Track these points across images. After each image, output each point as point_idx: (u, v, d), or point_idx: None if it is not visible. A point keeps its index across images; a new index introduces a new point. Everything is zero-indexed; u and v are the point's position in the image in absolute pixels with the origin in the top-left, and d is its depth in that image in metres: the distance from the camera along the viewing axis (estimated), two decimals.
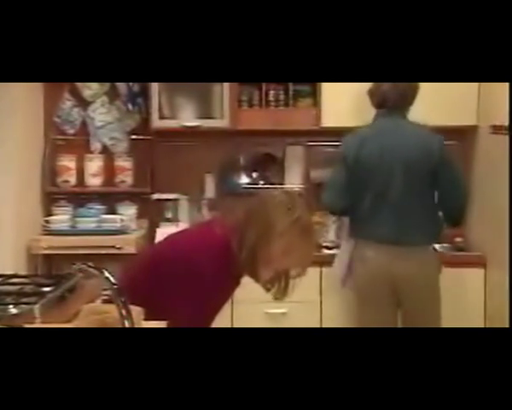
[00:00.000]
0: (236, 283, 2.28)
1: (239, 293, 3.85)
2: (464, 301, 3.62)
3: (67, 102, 4.31)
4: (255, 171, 4.32)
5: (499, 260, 3.62)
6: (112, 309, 1.82)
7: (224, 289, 2.21)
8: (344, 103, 3.97)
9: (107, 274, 1.78)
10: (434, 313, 3.31)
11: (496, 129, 3.61)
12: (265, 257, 2.09)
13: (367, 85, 3.67)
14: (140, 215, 4.31)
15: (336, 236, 4.03)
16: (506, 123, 3.28)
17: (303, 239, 2.09)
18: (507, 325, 3.21)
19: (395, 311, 3.32)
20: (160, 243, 2.49)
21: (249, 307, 3.87)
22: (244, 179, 4.32)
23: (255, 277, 2.17)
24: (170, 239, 2.34)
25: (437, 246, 3.50)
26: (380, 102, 3.36)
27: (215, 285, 2.09)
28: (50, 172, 4.28)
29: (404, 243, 3.23)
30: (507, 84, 3.08)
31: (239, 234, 2.09)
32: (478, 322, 3.75)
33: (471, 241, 3.94)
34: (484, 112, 3.89)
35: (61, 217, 4.15)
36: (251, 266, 2.12)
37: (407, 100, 3.34)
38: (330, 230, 4.12)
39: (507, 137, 3.32)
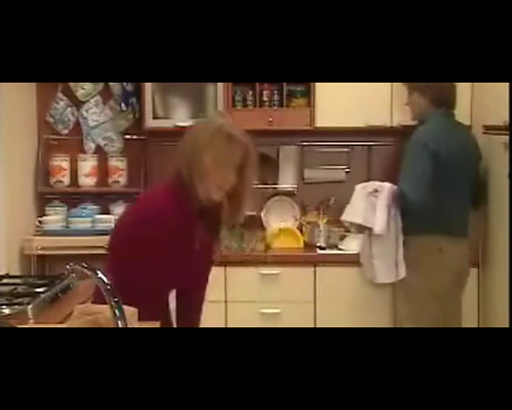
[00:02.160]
0: (196, 219, 2.26)
1: (233, 293, 3.89)
2: None
3: (61, 102, 4.29)
4: None
5: (493, 259, 3.63)
6: (105, 309, 1.81)
7: (183, 226, 2.22)
8: (338, 104, 3.97)
9: (100, 274, 1.78)
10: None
11: (488, 129, 3.61)
12: (200, 172, 2.17)
13: (361, 86, 3.68)
14: None
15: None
16: (499, 123, 3.28)
17: (229, 145, 2.19)
18: (500, 324, 3.22)
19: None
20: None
21: (243, 307, 3.88)
22: None
23: (204, 197, 2.20)
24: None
25: None
26: (448, 101, 3.45)
27: (174, 223, 2.18)
28: (44, 173, 4.27)
29: (466, 236, 3.49)
30: (500, 84, 3.08)
31: (176, 165, 2.22)
32: (471, 321, 3.76)
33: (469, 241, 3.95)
34: (477, 112, 3.90)
35: (55, 217, 4.15)
36: (193, 187, 2.18)
37: (456, 100, 3.51)
38: (325, 232, 4.11)
39: (500, 137, 3.32)
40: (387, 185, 3.44)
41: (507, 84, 2.94)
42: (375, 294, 3.80)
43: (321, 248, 4.06)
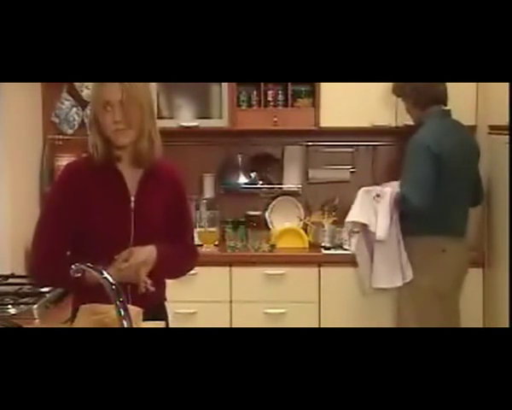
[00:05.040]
0: (113, 170, 2.29)
1: (238, 293, 3.89)
2: (462, 300, 3.61)
3: (66, 102, 4.30)
4: (254, 171, 4.32)
5: (497, 259, 3.62)
6: (110, 309, 1.82)
7: (101, 182, 2.27)
8: (343, 104, 3.97)
9: (105, 274, 1.79)
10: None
11: (494, 129, 3.61)
12: (91, 123, 2.27)
13: (366, 86, 3.68)
14: None
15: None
16: (504, 123, 3.28)
17: (98, 86, 2.23)
18: (506, 325, 3.22)
19: None
20: None
21: (248, 307, 3.88)
22: (242, 179, 4.32)
23: (116, 142, 2.24)
24: None
25: None
26: (434, 100, 3.45)
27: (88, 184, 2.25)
28: (49, 173, 4.27)
29: (466, 235, 3.54)
30: (505, 85, 3.08)
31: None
32: (476, 321, 3.75)
33: (469, 241, 3.94)
34: (482, 112, 3.89)
35: None
36: (99, 135, 2.24)
37: (447, 96, 3.52)
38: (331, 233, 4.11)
39: (504, 137, 3.32)
40: (389, 190, 3.45)
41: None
42: (379, 294, 3.80)
43: (325, 248, 4.05)
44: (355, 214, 3.54)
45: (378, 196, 3.47)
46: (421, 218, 3.38)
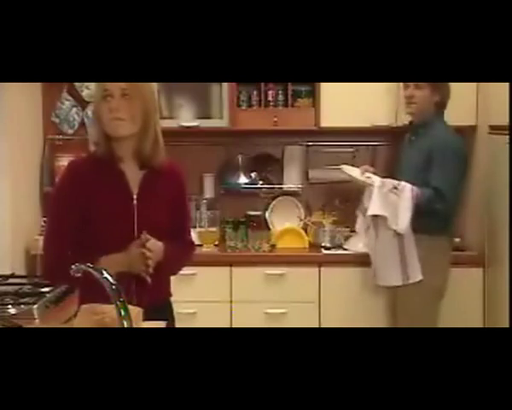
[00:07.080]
0: (116, 169, 2.30)
1: (238, 293, 3.89)
2: (463, 300, 3.61)
3: (66, 102, 4.29)
4: (254, 171, 4.32)
5: (498, 259, 3.62)
6: (110, 309, 1.82)
7: (102, 179, 2.28)
8: (343, 103, 3.97)
9: (106, 274, 1.79)
10: None
11: (494, 129, 3.61)
12: (94, 113, 2.31)
13: (366, 86, 3.68)
14: None
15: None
16: (504, 123, 3.28)
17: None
18: (506, 325, 3.22)
19: None
20: None
21: (248, 307, 3.88)
22: (243, 179, 4.31)
23: (105, 136, 2.26)
24: None
25: None
26: (445, 103, 3.49)
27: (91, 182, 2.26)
28: (49, 173, 4.27)
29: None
30: (505, 85, 3.08)
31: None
32: (477, 322, 3.75)
33: (469, 240, 3.95)
34: (482, 112, 3.89)
35: None
36: (103, 135, 2.26)
37: None
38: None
39: (505, 137, 3.32)
40: (408, 185, 3.39)
41: None
42: (379, 294, 3.80)
43: (326, 248, 4.05)
44: (376, 208, 3.41)
45: (395, 188, 3.43)
46: (441, 218, 3.39)
